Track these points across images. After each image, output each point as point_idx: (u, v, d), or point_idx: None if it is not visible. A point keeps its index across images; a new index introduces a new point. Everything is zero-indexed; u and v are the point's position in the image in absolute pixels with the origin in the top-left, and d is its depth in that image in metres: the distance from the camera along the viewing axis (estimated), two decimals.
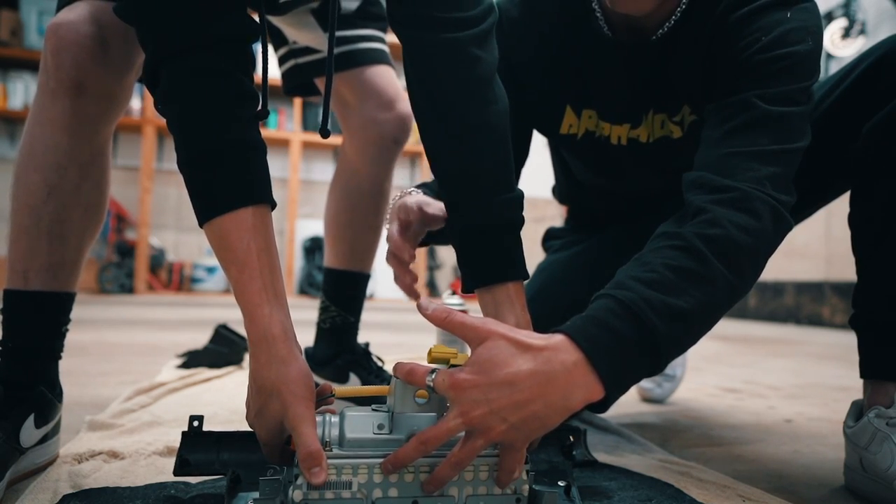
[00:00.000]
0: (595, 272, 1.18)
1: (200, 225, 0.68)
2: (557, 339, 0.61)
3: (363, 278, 1.30)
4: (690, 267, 0.66)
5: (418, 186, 0.92)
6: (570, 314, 0.65)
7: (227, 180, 0.67)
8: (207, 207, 0.67)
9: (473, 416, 0.59)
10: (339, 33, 1.17)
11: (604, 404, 0.65)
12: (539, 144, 1.17)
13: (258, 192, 0.68)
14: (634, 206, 1.17)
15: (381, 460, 0.61)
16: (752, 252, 0.69)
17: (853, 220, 0.94)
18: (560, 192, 1.29)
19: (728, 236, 0.67)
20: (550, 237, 1.34)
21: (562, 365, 0.60)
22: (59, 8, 0.85)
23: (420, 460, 0.62)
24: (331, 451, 0.61)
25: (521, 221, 0.79)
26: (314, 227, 5.99)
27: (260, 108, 0.72)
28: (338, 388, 0.68)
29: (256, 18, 0.76)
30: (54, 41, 0.81)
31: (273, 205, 0.70)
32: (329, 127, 0.81)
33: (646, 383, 1.55)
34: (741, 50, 0.79)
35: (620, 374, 0.62)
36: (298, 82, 1.24)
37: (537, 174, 1.11)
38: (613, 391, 0.62)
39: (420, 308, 0.65)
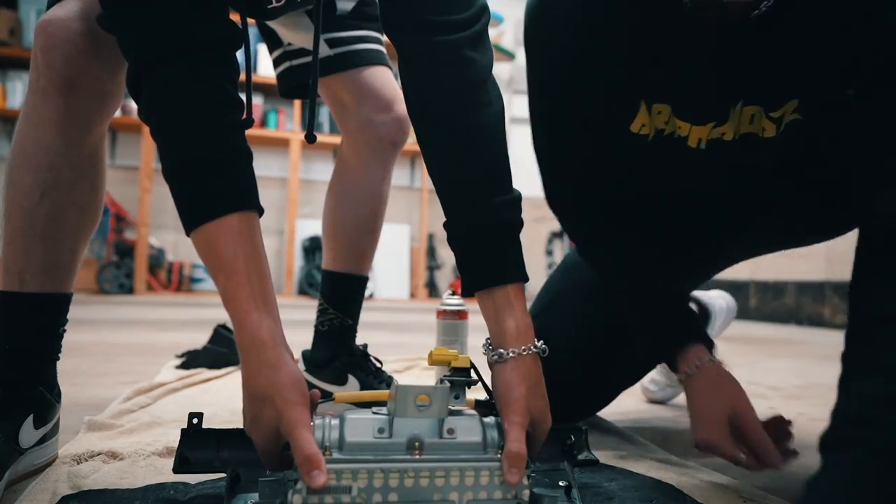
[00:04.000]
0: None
1: (188, 233, 0.67)
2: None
3: (361, 281, 1.29)
4: None
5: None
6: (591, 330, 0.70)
7: (213, 187, 0.67)
8: (194, 215, 0.67)
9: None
10: (334, 34, 1.17)
11: None
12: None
13: (245, 198, 0.68)
14: (683, 212, 1.02)
15: (380, 465, 0.61)
16: None
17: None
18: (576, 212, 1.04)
19: None
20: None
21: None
22: (49, 5, 0.83)
23: (421, 465, 0.61)
24: (330, 455, 0.60)
25: (520, 223, 0.78)
26: (314, 226, 5.97)
27: (245, 115, 0.71)
28: (337, 394, 0.67)
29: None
30: (44, 38, 0.79)
31: (260, 211, 0.70)
32: (319, 128, 0.80)
33: (651, 385, 1.54)
34: None
35: None
36: (294, 84, 1.23)
37: (537, 174, 1.10)
38: None
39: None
